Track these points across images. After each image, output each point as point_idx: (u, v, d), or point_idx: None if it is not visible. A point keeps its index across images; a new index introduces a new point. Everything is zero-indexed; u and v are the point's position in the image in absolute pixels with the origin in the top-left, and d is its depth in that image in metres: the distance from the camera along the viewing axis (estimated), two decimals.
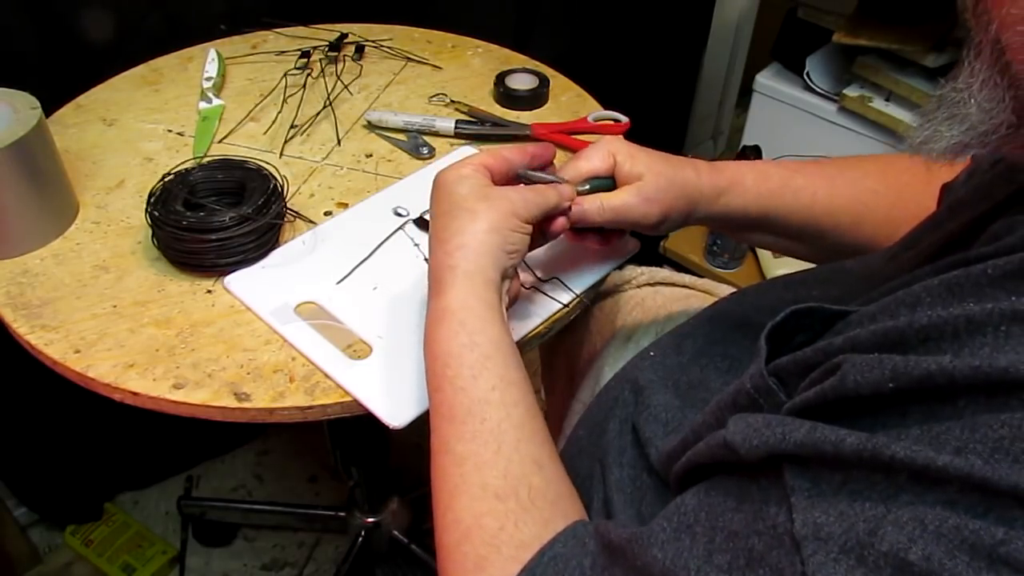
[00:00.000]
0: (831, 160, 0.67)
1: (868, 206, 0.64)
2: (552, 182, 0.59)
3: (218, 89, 0.89)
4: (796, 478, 0.32)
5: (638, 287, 0.82)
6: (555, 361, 0.88)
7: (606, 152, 0.61)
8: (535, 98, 0.89)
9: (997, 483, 0.26)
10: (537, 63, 0.95)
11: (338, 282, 0.68)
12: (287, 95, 0.88)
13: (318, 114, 0.86)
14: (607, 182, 0.62)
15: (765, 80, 1.38)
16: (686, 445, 0.44)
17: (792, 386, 0.38)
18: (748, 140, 1.46)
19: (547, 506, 0.45)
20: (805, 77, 1.32)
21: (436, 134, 0.85)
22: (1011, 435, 0.27)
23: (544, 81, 0.90)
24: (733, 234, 0.69)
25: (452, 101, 0.89)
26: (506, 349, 0.51)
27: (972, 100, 0.35)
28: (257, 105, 0.88)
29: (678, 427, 0.53)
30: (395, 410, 0.58)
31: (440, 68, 0.96)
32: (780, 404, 0.37)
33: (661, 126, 1.57)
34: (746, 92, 1.43)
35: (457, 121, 0.85)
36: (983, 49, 0.34)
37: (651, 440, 0.53)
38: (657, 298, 0.80)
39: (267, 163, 0.72)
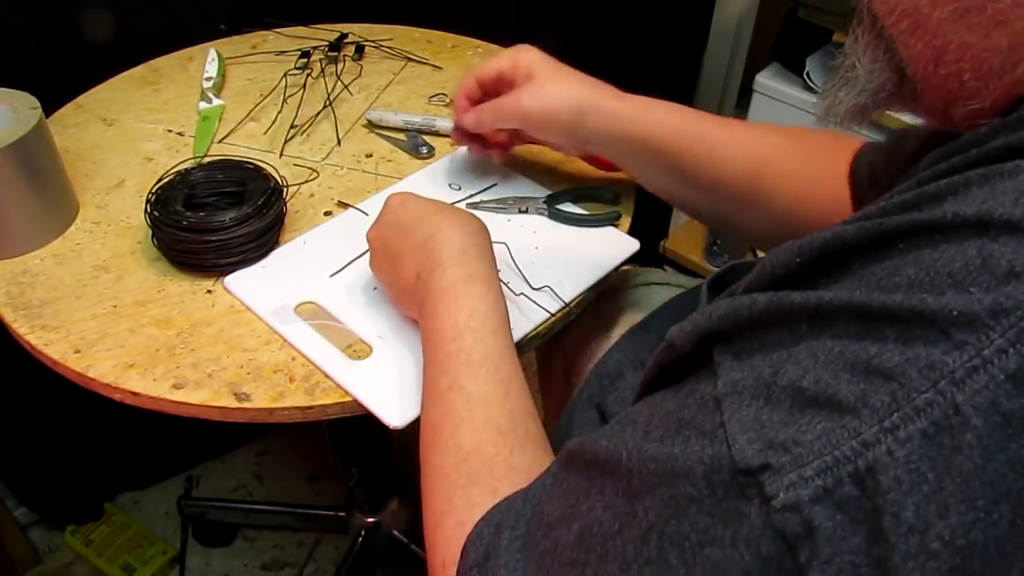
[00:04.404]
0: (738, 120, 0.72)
1: (767, 158, 0.67)
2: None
3: (218, 89, 0.89)
4: (721, 354, 0.35)
5: (637, 287, 0.81)
6: (552, 361, 0.88)
7: (512, 58, 0.69)
8: None
9: (870, 304, 0.30)
10: None
11: (332, 275, 0.68)
12: (287, 95, 0.88)
13: (318, 114, 0.86)
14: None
15: (765, 80, 1.38)
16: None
17: None
18: None
19: (539, 447, 0.50)
20: (805, 77, 1.32)
21: (436, 134, 0.85)
22: (886, 274, 0.31)
23: None
24: (634, 171, 0.72)
25: (452, 101, 0.89)
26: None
27: (858, 63, 0.39)
28: (257, 105, 0.88)
29: None
30: (395, 410, 0.58)
31: (440, 68, 0.96)
32: None
33: None
34: (746, 92, 1.43)
35: None
36: (863, 15, 0.38)
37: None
38: (655, 298, 0.80)
39: (267, 163, 0.72)
